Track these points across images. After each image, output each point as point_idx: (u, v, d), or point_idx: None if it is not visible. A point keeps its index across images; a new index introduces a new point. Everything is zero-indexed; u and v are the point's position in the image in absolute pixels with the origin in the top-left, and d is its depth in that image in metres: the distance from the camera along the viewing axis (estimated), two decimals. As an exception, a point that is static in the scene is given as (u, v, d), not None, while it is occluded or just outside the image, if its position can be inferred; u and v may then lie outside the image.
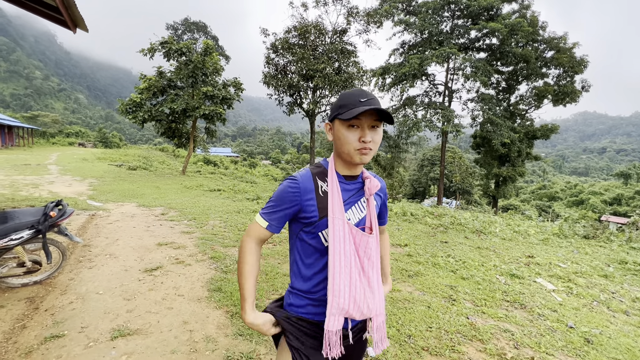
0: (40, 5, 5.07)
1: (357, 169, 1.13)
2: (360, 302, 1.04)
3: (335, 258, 1.03)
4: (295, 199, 1.06)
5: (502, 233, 6.49)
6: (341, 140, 1.04)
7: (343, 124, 1.03)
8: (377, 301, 1.09)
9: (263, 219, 1.08)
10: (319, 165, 1.16)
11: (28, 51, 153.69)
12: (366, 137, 1.01)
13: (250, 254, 1.08)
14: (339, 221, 1.04)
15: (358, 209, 1.12)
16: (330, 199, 1.06)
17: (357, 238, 1.06)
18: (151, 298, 2.97)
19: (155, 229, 5.28)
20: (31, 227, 2.88)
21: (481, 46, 21.57)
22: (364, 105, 0.99)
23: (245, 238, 1.10)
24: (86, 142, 38.35)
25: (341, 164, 1.11)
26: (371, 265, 1.08)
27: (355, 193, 1.13)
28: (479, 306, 3.16)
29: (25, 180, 10.35)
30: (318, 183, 1.09)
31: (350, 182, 1.12)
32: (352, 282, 1.03)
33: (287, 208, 1.07)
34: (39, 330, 2.43)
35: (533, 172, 78.08)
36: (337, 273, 1.02)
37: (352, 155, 1.04)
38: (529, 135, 20.71)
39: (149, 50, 14.43)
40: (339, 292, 1.02)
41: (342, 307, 1.02)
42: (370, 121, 1.02)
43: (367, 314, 1.06)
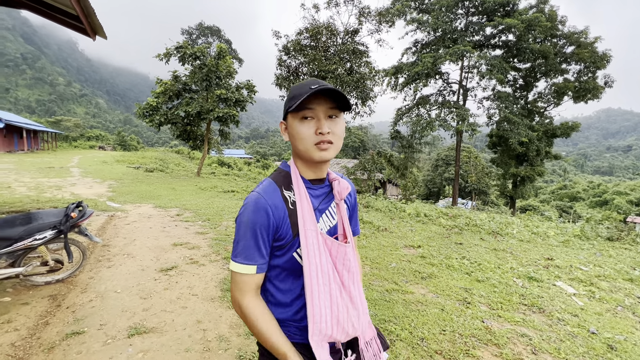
0: (63, 15, 5.29)
1: (323, 170, 0.98)
2: (344, 323, 0.91)
3: (312, 277, 0.88)
4: (269, 220, 0.87)
5: (520, 234, 6.31)
6: (296, 137, 0.90)
7: (295, 118, 0.89)
8: (362, 317, 0.97)
9: (245, 265, 0.87)
10: (280, 172, 1.00)
11: (52, 59, 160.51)
12: (323, 128, 0.87)
13: (257, 307, 0.88)
14: (312, 233, 0.90)
15: (329, 217, 0.99)
16: (299, 210, 0.91)
17: (334, 249, 0.93)
18: (166, 297, 3.04)
19: (170, 230, 5.40)
20: (53, 227, 3.00)
21: (497, 43, 21.09)
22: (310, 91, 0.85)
23: (239, 298, 0.88)
24: (106, 145, 39.68)
25: (304, 166, 0.96)
26: (352, 279, 0.95)
27: (324, 198, 0.99)
28: (494, 309, 3.07)
29: (50, 183, 10.79)
30: (286, 194, 0.93)
31: (317, 187, 0.98)
32: (334, 301, 0.90)
33: (265, 238, 0.88)
34: (61, 326, 2.52)
35: (553, 172, 75.56)
36: (315, 294, 0.88)
37: (310, 152, 0.89)
38: (548, 133, 20.07)
39: (164, 55, 14.79)
40: (320, 317, 0.88)
41: (324, 332, 0.89)
42: (325, 109, 0.88)
43: (352, 333, 0.94)
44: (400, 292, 3.34)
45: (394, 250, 4.83)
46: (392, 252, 4.75)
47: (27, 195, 8.29)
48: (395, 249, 4.93)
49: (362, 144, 62.85)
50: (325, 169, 0.99)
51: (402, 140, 21.12)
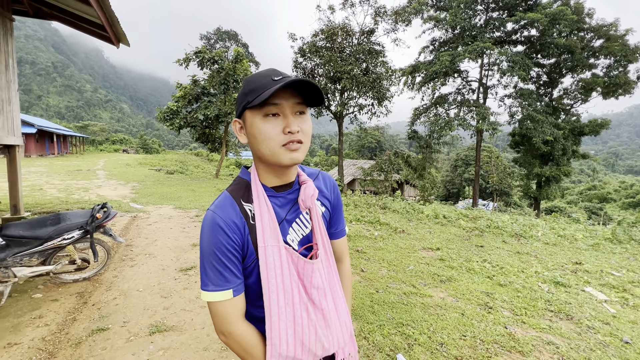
0: (89, 25, 5.54)
1: (290, 174, 0.86)
2: (311, 344, 0.83)
3: (272, 298, 0.80)
4: (230, 242, 0.78)
5: (545, 237, 6.04)
6: (258, 138, 0.78)
7: (257, 115, 0.77)
8: (337, 334, 0.88)
9: (219, 292, 0.78)
10: (239, 181, 0.88)
11: (79, 66, 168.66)
12: (292, 126, 0.76)
13: (250, 335, 0.81)
14: (272, 249, 0.80)
15: (301, 225, 0.88)
16: (259, 223, 0.80)
17: (300, 266, 0.83)
18: (186, 296, 3.11)
19: (190, 230, 5.53)
20: (80, 227, 3.14)
21: (518, 39, 20.37)
22: (280, 83, 0.73)
23: (226, 330, 0.79)
24: (129, 148, 41.24)
25: (266, 171, 0.84)
26: (323, 295, 0.85)
27: (293, 206, 0.87)
28: (518, 315, 2.95)
29: (77, 185, 11.31)
30: (245, 208, 0.82)
31: (283, 194, 0.86)
32: (297, 321, 0.81)
33: (230, 258, 0.78)
34: (87, 323, 2.63)
35: (581, 172, 72.12)
36: (275, 316, 0.80)
37: (278, 154, 0.77)
38: (575, 131, 19.16)
39: (184, 60, 15.22)
40: (278, 339, 0.80)
41: (285, 355, 0.81)
42: (292, 105, 0.77)
43: (322, 354, 0.85)
44: (419, 296, 3.27)
45: (412, 253, 4.74)
46: (409, 254, 4.67)
47: (57, 196, 8.72)
48: (413, 251, 4.84)
49: (378, 144, 62.28)
50: (293, 172, 0.87)
51: (419, 141, 20.76)
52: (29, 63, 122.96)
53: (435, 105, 20.93)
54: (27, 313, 2.74)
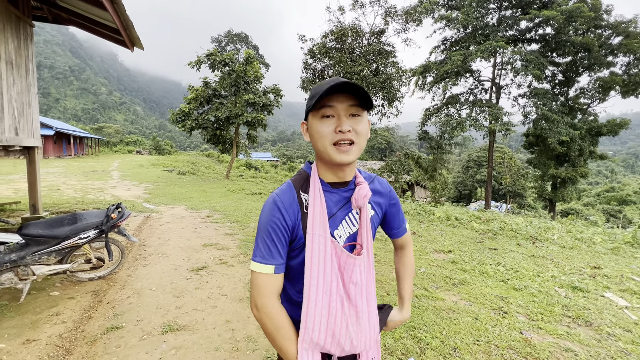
0: (105, 29, 5.68)
1: (346, 172, 0.92)
2: (341, 337, 0.87)
3: (312, 284, 0.85)
4: (284, 223, 0.87)
5: (562, 240, 5.87)
6: (315, 137, 0.86)
7: (316, 116, 0.86)
8: (366, 335, 0.91)
9: (264, 264, 0.86)
10: (301, 174, 0.97)
11: (95, 70, 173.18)
12: (343, 126, 0.82)
13: (279, 313, 0.86)
14: (319, 239, 0.86)
15: (349, 224, 0.93)
16: (310, 212, 0.88)
17: (342, 260, 0.88)
18: (197, 296, 3.14)
19: (201, 231, 5.60)
20: (96, 227, 3.21)
21: (533, 37, 19.94)
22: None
23: (259, 302, 0.85)
24: (142, 149, 42.06)
25: (324, 168, 0.92)
26: (359, 292, 0.89)
27: (346, 204, 0.93)
28: (534, 320, 2.87)
29: (93, 185, 11.60)
30: (302, 197, 0.90)
31: (337, 190, 0.93)
32: (332, 312, 0.86)
33: (281, 237, 0.87)
34: (102, 321, 2.68)
35: (598, 173, 69.95)
36: (312, 301, 0.85)
37: (329, 152, 0.84)
38: (592, 131, 18.61)
39: (196, 62, 15.46)
40: (312, 325, 0.85)
41: (316, 341, 0.85)
42: (346, 107, 0.83)
43: (350, 350, 0.89)
44: (430, 299, 3.22)
45: (423, 255, 4.67)
46: (421, 256, 4.60)
47: (73, 196, 8.96)
48: (425, 253, 4.77)
49: (388, 145, 61.86)
50: (349, 172, 0.93)
51: (430, 141, 20.52)
52: (47, 67, 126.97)
53: (447, 105, 20.66)
54: (45, 310, 2.82)
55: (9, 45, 4.64)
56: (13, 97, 4.74)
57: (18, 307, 2.84)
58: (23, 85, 5.04)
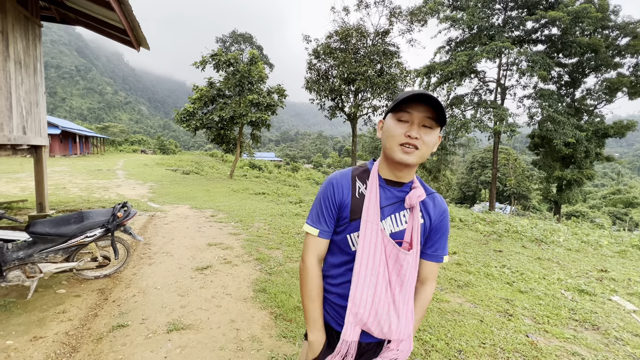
0: (112, 29, 5.72)
1: (404, 174, 1.00)
2: (382, 318, 0.95)
3: (362, 263, 0.96)
4: (333, 198, 1.02)
5: (567, 243, 5.82)
6: (386, 134, 0.97)
7: (393, 117, 0.96)
8: (402, 325, 0.98)
9: (312, 227, 1.04)
10: (362, 166, 1.10)
11: (101, 70, 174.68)
12: (412, 132, 0.91)
13: (313, 270, 1.03)
14: (371, 225, 0.96)
15: (395, 221, 1.00)
16: (366, 201, 0.98)
17: (389, 249, 0.97)
18: (202, 295, 3.15)
19: (205, 230, 5.62)
20: (102, 226, 3.23)
21: (539, 38, 19.81)
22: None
23: (304, 256, 1.04)
24: (147, 149, 42.34)
25: (386, 165, 1.02)
26: (399, 283, 0.97)
27: (397, 202, 1.01)
28: (540, 324, 2.85)
29: (98, 184, 11.69)
30: (356, 184, 1.04)
31: (392, 188, 1.02)
32: (377, 293, 0.95)
33: (328, 208, 1.02)
34: (108, 319, 2.69)
35: (604, 175, 69.22)
36: (361, 279, 0.95)
37: (394, 150, 0.94)
38: (598, 133, 18.44)
39: (201, 62, 15.52)
40: (359, 301, 0.94)
41: (360, 317, 0.95)
42: (421, 117, 0.92)
43: (387, 333, 0.96)
44: (435, 300, 3.20)
45: (428, 256, 4.65)
46: (425, 258, 4.59)
47: (79, 195, 9.04)
48: (429, 254, 4.75)
49: (392, 146, 61.64)
50: (407, 175, 1.01)
51: (434, 142, 20.43)
52: (54, 67, 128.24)
53: (451, 106, 20.57)
54: (52, 308, 2.84)
55: (17, 45, 4.69)
56: (21, 96, 4.79)
57: (25, 304, 2.87)
58: (31, 84, 5.10)
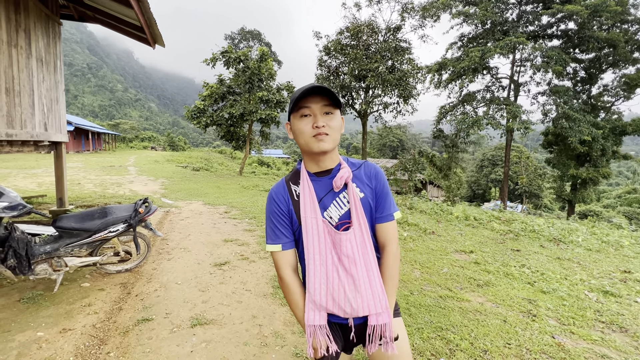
0: (128, 26, 5.77)
1: (326, 161, 1.07)
2: (340, 301, 1.02)
3: (309, 257, 1.04)
4: (279, 209, 1.08)
5: (587, 243, 5.69)
6: (296, 133, 1.03)
7: (296, 117, 1.02)
8: (366, 300, 1.01)
9: (272, 245, 1.08)
10: (293, 170, 1.15)
11: (112, 67, 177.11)
12: (318, 122, 0.99)
13: (291, 281, 1.08)
14: (311, 220, 1.03)
15: (338, 205, 1.06)
16: (302, 199, 1.06)
17: (332, 236, 1.03)
18: (222, 291, 3.18)
19: (220, 226, 5.66)
20: (124, 221, 3.28)
21: (554, 33, 19.34)
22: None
23: (279, 273, 1.09)
24: (157, 145, 42.86)
25: (308, 160, 1.09)
26: (353, 263, 1.02)
27: (332, 189, 1.07)
28: (565, 325, 2.79)
29: (111, 180, 11.89)
30: (292, 188, 1.10)
31: (322, 178, 1.08)
32: (329, 280, 1.02)
33: (279, 221, 1.08)
34: (132, 313, 2.74)
35: (619, 174, 67.46)
36: (311, 271, 1.03)
37: (309, 143, 1.01)
38: (616, 130, 17.97)
39: (211, 59, 15.60)
40: (314, 290, 1.03)
41: (319, 303, 1.03)
42: (320, 107, 1.00)
43: (351, 312, 1.03)
44: (456, 300, 3.17)
45: (444, 255, 4.61)
46: (442, 256, 4.54)
47: (93, 191, 9.21)
48: (445, 253, 4.70)
49: (400, 143, 61.24)
50: (330, 160, 1.08)
51: (445, 140, 20.19)
52: (66, 65, 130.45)
53: (463, 103, 20.28)
54: (78, 301, 2.90)
55: (39, 43, 4.77)
56: (43, 93, 4.88)
57: (52, 296, 2.94)
58: (52, 82, 5.19)
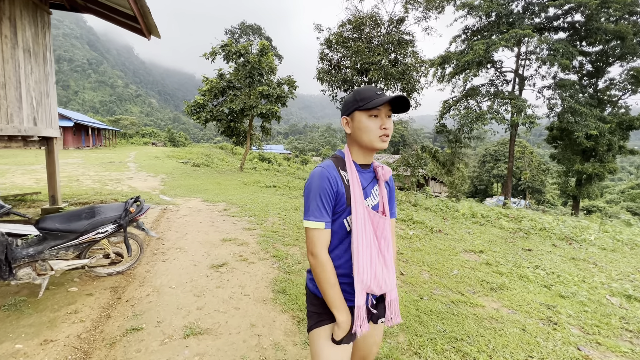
0: (121, 16, 5.52)
1: (371, 157, 1.23)
2: (379, 278, 1.15)
3: (359, 240, 1.12)
4: (331, 190, 1.13)
5: (600, 241, 5.47)
6: (362, 130, 1.13)
7: (364, 115, 1.13)
8: (392, 279, 1.20)
9: (316, 222, 1.11)
10: (336, 157, 1.23)
11: (112, 63, 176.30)
12: (387, 125, 1.13)
13: (328, 262, 1.12)
14: (360, 206, 1.13)
15: (374, 196, 1.22)
16: (352, 187, 1.15)
17: (375, 221, 1.16)
18: (219, 296, 2.98)
19: (219, 225, 5.46)
20: (114, 221, 3.07)
21: (560, 25, 18.89)
22: (380, 97, 1.10)
23: (315, 251, 1.11)
24: (157, 141, 42.65)
25: (358, 153, 1.20)
26: (386, 246, 1.18)
27: (371, 181, 1.22)
28: (590, 334, 2.58)
29: (110, 176, 11.69)
30: (341, 173, 1.17)
31: (365, 171, 1.22)
32: (373, 260, 1.14)
33: (328, 201, 1.12)
34: (121, 321, 2.54)
35: (622, 169, 66.96)
36: (360, 253, 1.12)
37: (375, 142, 1.13)
38: (623, 125, 17.62)
39: (211, 54, 15.28)
40: (362, 270, 1.12)
41: (365, 282, 1.13)
42: (386, 111, 1.13)
43: (384, 289, 1.17)
44: (469, 305, 2.96)
45: (453, 255, 4.39)
46: (450, 257, 4.32)
47: (92, 187, 9.01)
48: (454, 253, 4.49)
49: (402, 138, 60.81)
50: (372, 157, 1.24)
51: (448, 135, 19.89)
52: (66, 60, 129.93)
53: (466, 97, 19.93)
54: (63, 307, 2.70)
55: (26, 33, 4.53)
56: (31, 86, 4.65)
57: (36, 303, 2.74)
58: (41, 74, 4.95)
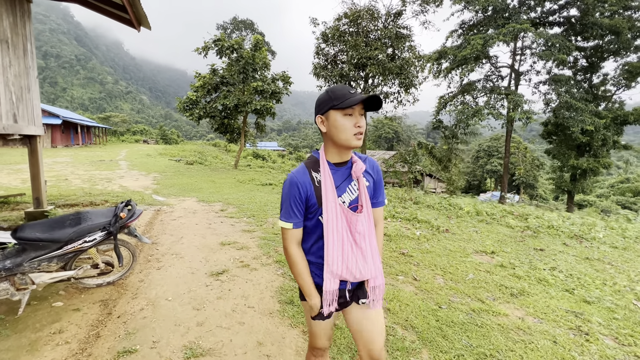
0: (109, 5, 5.15)
1: (348, 154, 1.29)
2: (352, 269, 1.26)
3: (329, 234, 1.23)
4: (299, 195, 1.24)
5: (610, 239, 5.34)
6: (338, 128, 1.20)
7: (339, 114, 1.19)
8: (371, 267, 1.29)
9: (285, 222, 1.27)
10: (311, 158, 1.32)
11: (101, 59, 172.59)
12: (360, 123, 1.20)
13: (296, 255, 1.30)
14: (331, 204, 1.23)
15: (350, 191, 1.28)
16: (323, 186, 1.23)
17: (349, 217, 1.25)
18: (220, 309, 2.71)
19: (216, 227, 5.18)
20: (103, 228, 2.78)
21: (556, 20, 18.82)
22: (354, 96, 1.17)
23: (285, 245, 1.30)
24: (149, 139, 41.80)
25: (333, 152, 1.27)
26: (363, 239, 1.27)
27: (347, 177, 1.29)
28: (625, 345, 2.39)
29: (101, 175, 11.26)
30: (312, 175, 1.27)
31: (340, 168, 1.28)
32: (345, 253, 1.25)
33: (297, 204, 1.25)
34: (112, 341, 2.26)
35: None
36: (330, 246, 1.24)
37: (350, 140, 1.20)
38: (617, 120, 17.69)
39: (203, 48, 14.84)
40: (332, 261, 1.24)
41: (336, 272, 1.25)
42: (360, 109, 1.20)
43: (359, 277, 1.28)
44: (491, 314, 2.75)
45: (464, 257, 4.19)
46: (462, 258, 4.12)
47: (81, 187, 8.61)
48: (465, 255, 4.29)
49: (396, 135, 60.81)
50: (349, 154, 1.30)
51: (444, 130, 19.77)
52: (54, 56, 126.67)
53: (463, 93, 19.80)
54: (47, 326, 2.41)
55: (3, 22, 4.16)
56: (10, 80, 4.29)
57: (15, 322, 2.45)
58: (21, 67, 4.58)
